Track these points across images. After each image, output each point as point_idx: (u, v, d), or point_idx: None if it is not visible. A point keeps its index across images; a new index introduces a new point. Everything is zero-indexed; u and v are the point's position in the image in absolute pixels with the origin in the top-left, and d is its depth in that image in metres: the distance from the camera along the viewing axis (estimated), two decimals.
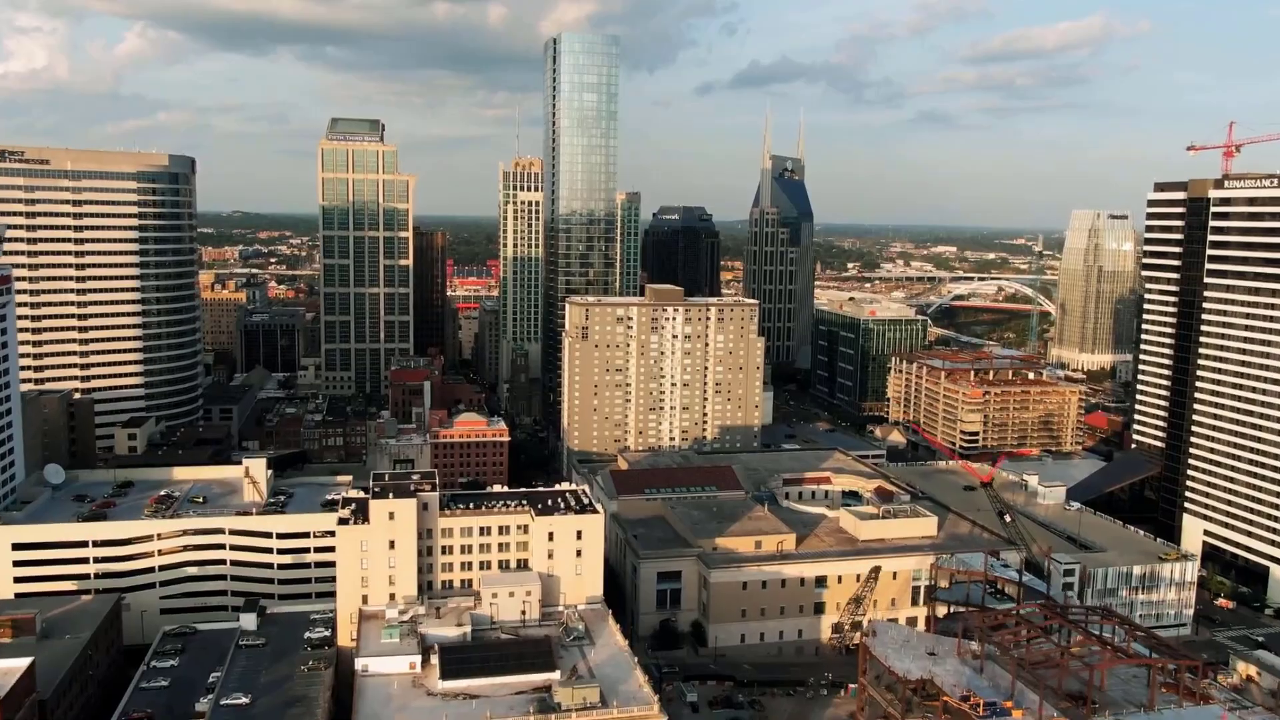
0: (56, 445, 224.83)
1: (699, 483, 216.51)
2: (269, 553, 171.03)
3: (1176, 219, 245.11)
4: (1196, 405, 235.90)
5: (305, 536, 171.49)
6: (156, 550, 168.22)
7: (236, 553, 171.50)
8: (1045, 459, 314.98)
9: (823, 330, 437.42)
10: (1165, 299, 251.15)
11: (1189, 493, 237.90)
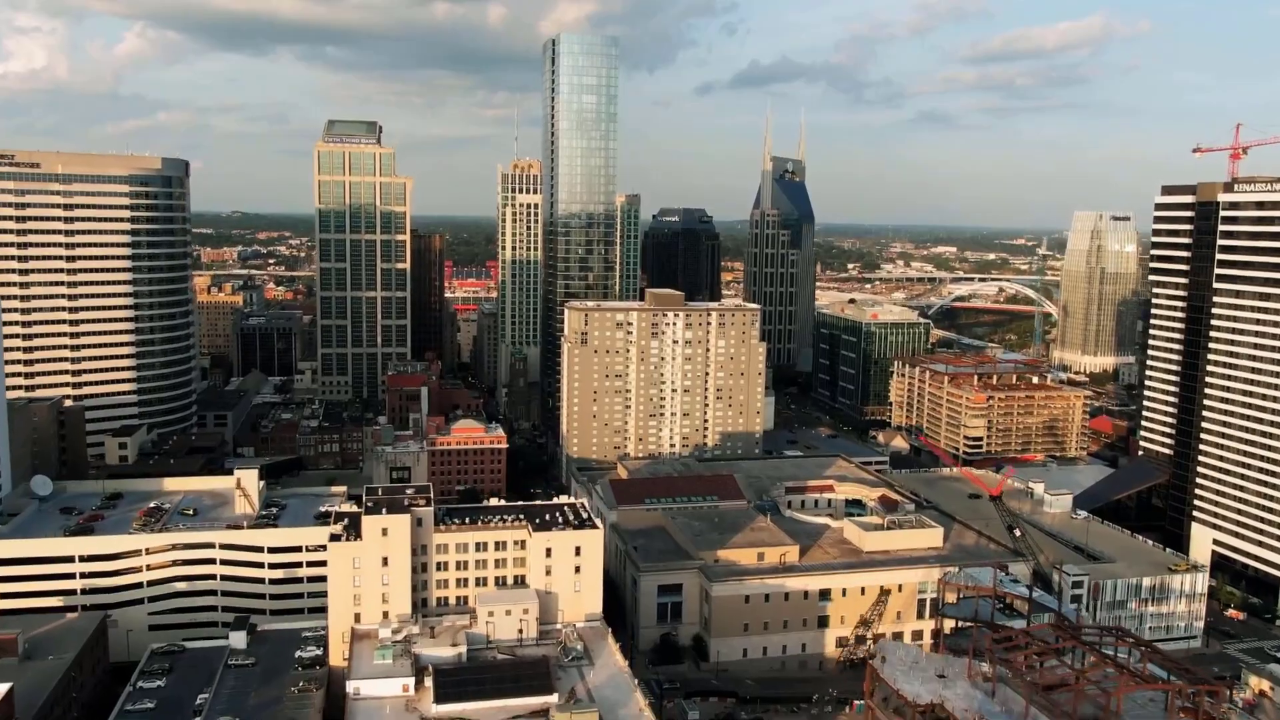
0: (46, 454, 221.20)
1: (700, 492, 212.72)
2: (260, 567, 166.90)
3: (1185, 223, 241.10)
4: (1205, 412, 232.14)
5: (298, 551, 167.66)
6: (145, 565, 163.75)
7: (227, 567, 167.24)
8: (1050, 465, 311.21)
9: (824, 333, 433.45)
10: (1173, 304, 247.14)
11: (1198, 501, 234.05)
